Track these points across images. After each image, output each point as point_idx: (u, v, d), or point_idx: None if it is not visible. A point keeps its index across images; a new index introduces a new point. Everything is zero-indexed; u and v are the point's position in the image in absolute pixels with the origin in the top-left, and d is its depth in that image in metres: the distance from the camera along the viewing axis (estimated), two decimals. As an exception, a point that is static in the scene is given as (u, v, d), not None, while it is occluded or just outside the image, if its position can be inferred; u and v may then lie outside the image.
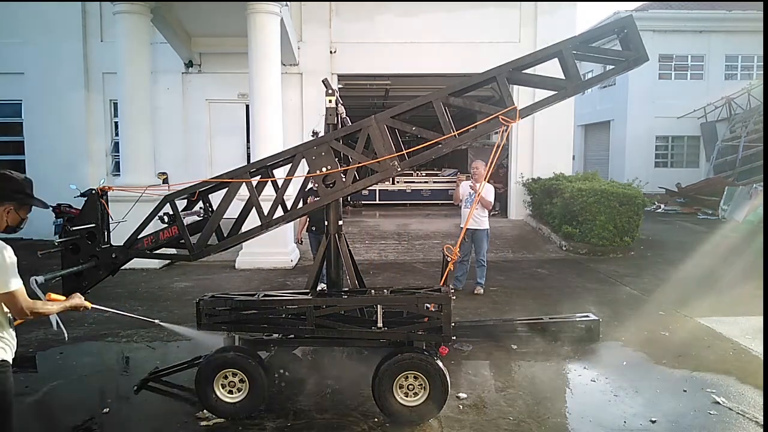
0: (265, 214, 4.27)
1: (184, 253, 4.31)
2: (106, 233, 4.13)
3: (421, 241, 11.40)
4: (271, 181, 4.39)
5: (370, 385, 3.95)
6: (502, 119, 4.03)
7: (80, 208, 4.13)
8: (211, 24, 11.08)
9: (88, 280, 4.07)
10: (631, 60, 4.11)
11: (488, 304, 7.03)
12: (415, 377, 3.91)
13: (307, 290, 4.42)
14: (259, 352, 4.23)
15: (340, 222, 4.60)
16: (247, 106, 11.10)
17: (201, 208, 4.54)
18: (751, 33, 19.38)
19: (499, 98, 4.22)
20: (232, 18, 9.59)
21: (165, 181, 11.24)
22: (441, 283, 4.26)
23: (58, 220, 10.05)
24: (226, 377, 4.01)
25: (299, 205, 4.76)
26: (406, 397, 3.92)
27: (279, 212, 4.37)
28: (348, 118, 4.60)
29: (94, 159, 12.56)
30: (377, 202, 17.39)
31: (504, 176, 14.65)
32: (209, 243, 4.30)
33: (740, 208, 13.79)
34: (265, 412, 4.06)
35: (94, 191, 4.07)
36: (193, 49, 12.31)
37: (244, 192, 4.30)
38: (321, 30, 12.98)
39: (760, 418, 3.97)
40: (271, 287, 7.78)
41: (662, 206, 16.84)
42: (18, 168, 12.90)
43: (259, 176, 4.36)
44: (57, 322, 3.37)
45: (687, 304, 6.80)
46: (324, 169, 4.16)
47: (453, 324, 3.99)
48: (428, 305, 4.04)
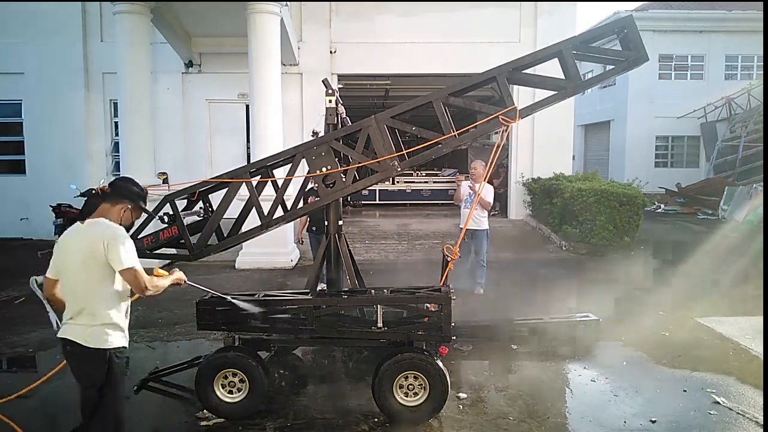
0: (265, 214, 4.28)
1: (184, 253, 4.31)
2: (106, 233, 4.12)
3: (421, 241, 11.40)
4: (271, 181, 4.40)
5: (370, 385, 3.96)
6: (502, 119, 4.04)
7: (80, 208, 4.12)
8: (211, 24, 11.07)
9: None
10: (631, 60, 4.12)
11: (488, 304, 7.02)
12: (415, 377, 3.91)
13: (307, 290, 4.42)
14: (259, 352, 4.23)
15: (340, 222, 4.60)
16: (247, 106, 11.09)
17: (201, 208, 4.53)
18: (751, 33, 19.34)
19: (499, 98, 4.22)
20: (232, 18, 9.59)
21: (165, 181, 11.23)
22: (441, 283, 4.26)
23: (58, 220, 10.05)
24: (226, 377, 4.01)
25: (299, 205, 4.76)
26: (406, 397, 3.92)
27: (279, 212, 4.38)
28: (348, 118, 4.60)
29: (94, 159, 12.55)
30: (377, 202, 17.37)
31: (503, 176, 14.63)
32: (209, 243, 4.31)
33: (740, 208, 13.77)
34: (265, 412, 4.07)
35: (94, 191, 4.07)
36: (193, 49, 12.30)
37: (244, 192, 4.30)
38: (321, 30, 12.97)
39: (760, 418, 3.97)
40: (271, 287, 7.77)
41: (662, 206, 16.82)
42: (18, 168, 13.02)
43: (259, 176, 4.37)
44: (56, 322, 3.37)
45: (687, 304, 6.79)
46: (324, 169, 4.16)
47: (453, 324, 4.00)
48: (428, 305, 4.05)
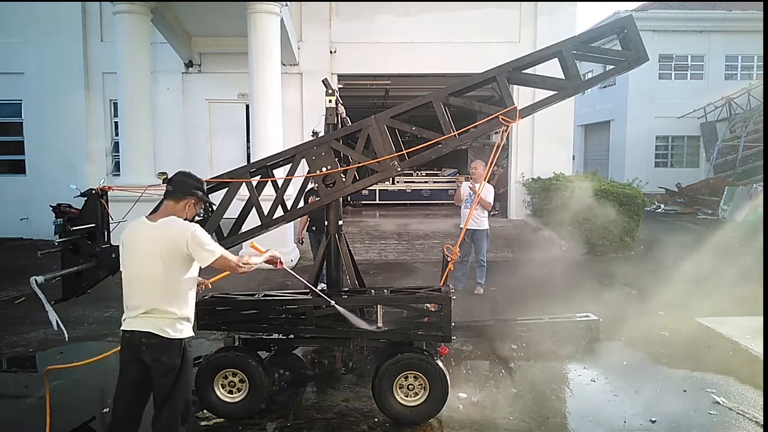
0: (265, 214, 4.28)
1: (184, 252, 4.30)
2: (106, 233, 4.12)
3: (421, 241, 11.40)
4: (271, 181, 4.40)
5: (370, 385, 3.95)
6: (502, 119, 4.04)
7: (80, 208, 4.12)
8: (211, 24, 11.07)
9: (88, 280, 4.06)
10: (631, 60, 4.12)
11: (488, 304, 7.02)
12: (415, 377, 3.91)
13: (307, 290, 4.42)
14: (259, 352, 4.23)
15: (340, 222, 4.60)
16: (247, 106, 11.10)
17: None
18: (751, 33, 19.35)
19: (499, 98, 4.22)
20: (232, 18, 9.59)
21: (165, 181, 11.22)
22: (441, 283, 4.26)
23: (58, 220, 10.03)
24: (226, 377, 4.01)
25: (299, 205, 4.76)
26: (406, 397, 3.92)
27: (279, 212, 4.37)
28: (348, 118, 4.60)
29: (94, 159, 12.55)
30: (377, 202, 17.37)
31: (498, 177, 14.60)
32: (209, 243, 4.30)
33: (740, 208, 13.78)
34: (265, 412, 4.07)
35: (94, 191, 4.07)
36: (193, 49, 12.30)
37: (244, 192, 4.30)
38: (321, 30, 12.96)
39: (760, 418, 3.97)
40: (271, 287, 7.77)
41: (662, 206, 16.83)
42: (18, 168, 13.01)
43: (259, 176, 4.37)
44: (57, 322, 3.38)
45: (687, 304, 6.79)
46: (324, 169, 4.16)
47: (453, 324, 4.00)
48: (428, 305, 4.05)
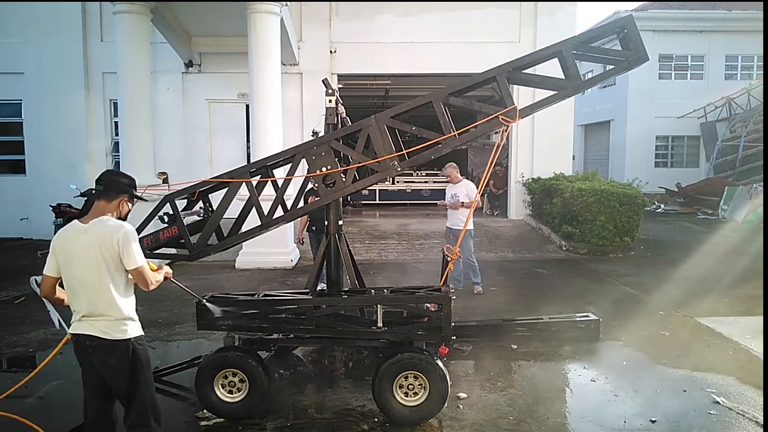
0: (265, 214, 4.28)
1: (184, 252, 4.31)
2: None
3: (421, 240, 11.40)
4: (271, 181, 4.39)
5: (370, 385, 3.96)
6: (502, 119, 4.04)
7: (80, 208, 4.13)
8: (211, 24, 11.07)
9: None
10: (631, 60, 4.12)
11: (488, 304, 7.02)
12: (415, 377, 3.91)
13: (307, 290, 4.42)
14: (259, 352, 4.23)
15: (340, 222, 4.60)
16: (247, 106, 11.10)
17: (201, 207, 4.53)
18: (751, 33, 19.35)
19: (499, 98, 4.22)
20: (232, 18, 9.59)
21: (165, 181, 11.24)
22: (441, 283, 4.26)
23: (58, 220, 10.05)
24: (226, 377, 4.01)
25: (299, 205, 4.76)
26: (406, 396, 3.92)
27: (279, 212, 4.37)
28: (348, 118, 4.60)
29: (94, 159, 12.54)
30: (377, 202, 17.38)
31: (501, 177, 14.60)
32: (209, 243, 4.31)
33: (740, 208, 13.78)
34: (265, 412, 4.07)
35: (94, 191, 4.07)
36: (193, 49, 12.31)
37: (244, 192, 4.30)
38: (321, 30, 12.97)
39: (760, 418, 3.97)
40: (271, 287, 7.77)
41: (662, 206, 16.83)
42: (18, 168, 13.02)
43: (259, 176, 4.36)
44: (59, 321, 3.38)
45: (687, 304, 6.79)
46: (324, 169, 4.16)
47: (453, 324, 4.00)
48: (428, 305, 4.05)
